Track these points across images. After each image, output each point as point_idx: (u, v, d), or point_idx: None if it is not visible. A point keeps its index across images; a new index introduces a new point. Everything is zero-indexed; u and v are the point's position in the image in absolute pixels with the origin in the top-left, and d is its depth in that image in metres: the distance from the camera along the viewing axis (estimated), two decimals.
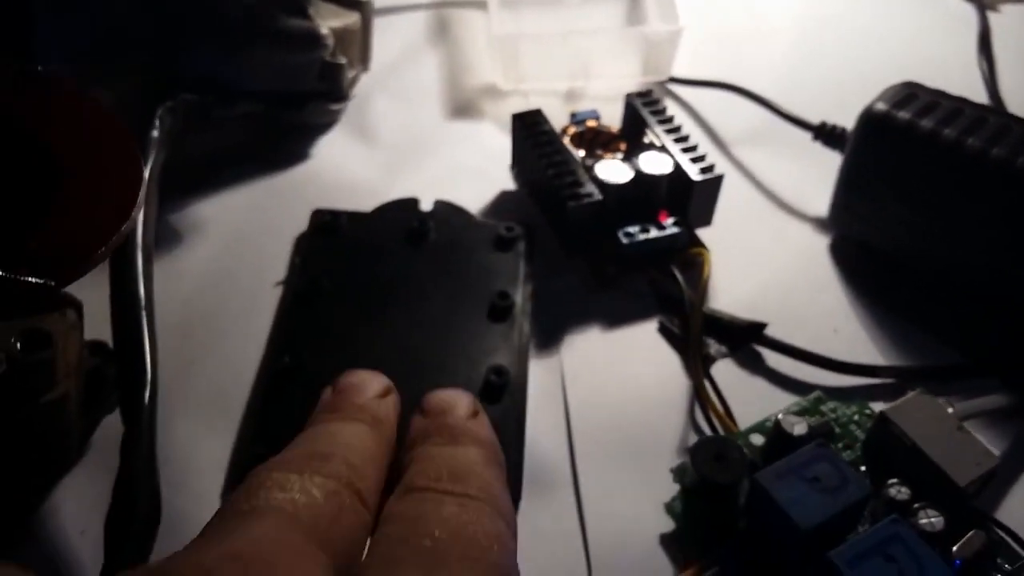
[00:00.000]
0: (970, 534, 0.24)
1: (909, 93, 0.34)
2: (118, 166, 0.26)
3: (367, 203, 0.37)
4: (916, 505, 0.24)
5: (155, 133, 0.33)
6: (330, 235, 0.35)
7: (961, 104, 0.33)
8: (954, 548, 0.24)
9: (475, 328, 0.32)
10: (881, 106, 0.33)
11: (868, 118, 0.34)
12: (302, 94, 0.38)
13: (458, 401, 0.23)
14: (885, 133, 0.33)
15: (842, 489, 0.24)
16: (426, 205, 0.36)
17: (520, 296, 0.33)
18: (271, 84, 0.37)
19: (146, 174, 0.31)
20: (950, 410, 0.27)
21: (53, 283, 0.22)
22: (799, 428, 0.26)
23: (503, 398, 0.29)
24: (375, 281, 0.33)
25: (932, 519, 0.24)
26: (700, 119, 0.43)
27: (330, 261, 0.34)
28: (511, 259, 0.34)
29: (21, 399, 0.24)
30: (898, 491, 0.25)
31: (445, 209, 0.36)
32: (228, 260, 0.35)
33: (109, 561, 0.23)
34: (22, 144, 0.26)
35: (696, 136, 0.42)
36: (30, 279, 0.22)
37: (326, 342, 0.31)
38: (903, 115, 0.33)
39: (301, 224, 0.36)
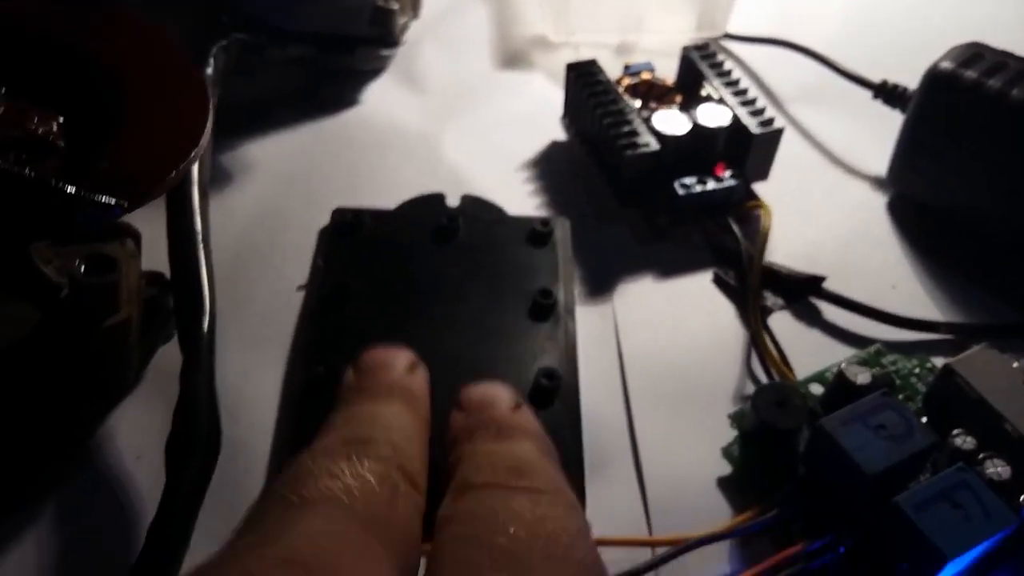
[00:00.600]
0: None
1: (975, 53, 0.33)
2: (185, 95, 0.26)
3: (416, 153, 0.36)
4: (982, 455, 0.24)
5: (209, 71, 0.32)
6: (353, 235, 0.32)
7: None
8: (1021, 498, 0.23)
9: (518, 329, 0.29)
10: (947, 65, 0.33)
11: (934, 76, 0.33)
12: (353, 38, 0.38)
13: (498, 394, 0.21)
14: (951, 92, 0.32)
15: (907, 437, 0.23)
16: (466, 161, 0.35)
17: (562, 293, 0.31)
18: (323, 26, 0.37)
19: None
20: (1015, 365, 0.26)
21: (125, 203, 0.22)
22: (863, 377, 0.26)
23: (555, 402, 0.27)
24: (405, 282, 0.31)
25: (999, 468, 0.24)
26: (755, 76, 0.42)
27: (355, 263, 0.31)
28: (548, 254, 0.32)
29: (85, 322, 0.24)
30: (964, 440, 0.25)
31: (473, 204, 0.34)
32: (277, 201, 0.35)
33: (170, 485, 0.23)
34: (92, 70, 0.25)
35: (752, 94, 0.41)
36: (102, 198, 0.22)
37: (358, 350, 0.28)
38: (970, 74, 0.32)
39: (348, 169, 0.36)
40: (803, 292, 0.32)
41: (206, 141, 0.24)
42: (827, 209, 0.36)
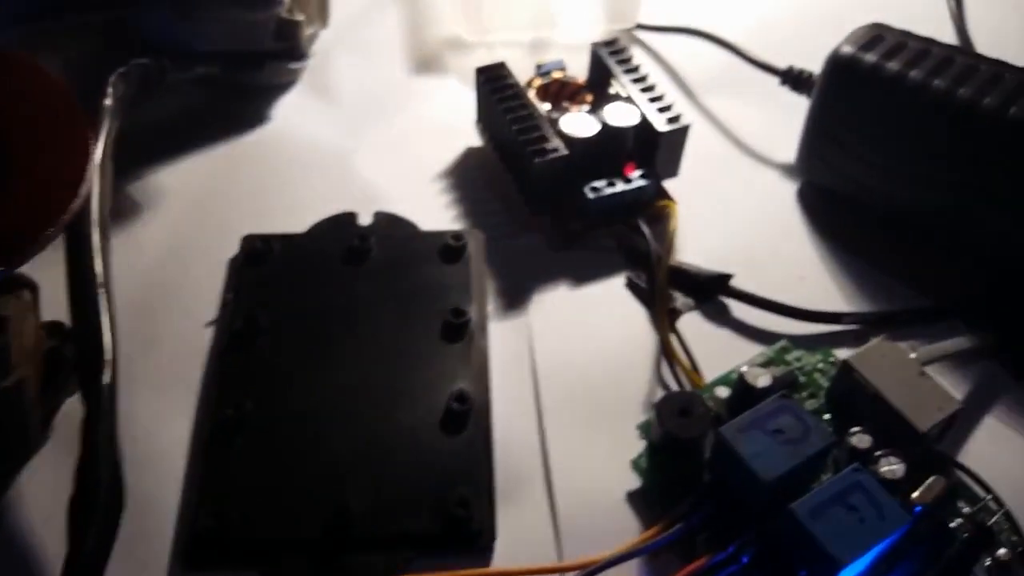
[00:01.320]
0: (930, 480, 0.24)
1: (876, 35, 0.33)
2: (66, 142, 0.25)
3: (329, 170, 0.36)
4: (878, 453, 0.25)
5: (108, 101, 0.32)
6: (262, 263, 0.32)
7: (928, 45, 0.33)
8: (914, 495, 0.24)
9: (430, 351, 0.29)
10: (847, 49, 0.33)
11: (834, 62, 0.33)
12: (259, 54, 0.37)
13: None
14: (852, 76, 0.33)
15: (804, 440, 0.24)
16: (380, 175, 0.35)
17: (475, 310, 0.31)
18: (227, 44, 0.36)
19: (99, 147, 0.31)
20: (912, 356, 0.27)
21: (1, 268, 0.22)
22: (763, 380, 0.26)
23: (467, 426, 0.28)
24: (317, 310, 0.31)
25: (893, 466, 0.24)
26: (668, 66, 0.43)
27: (266, 293, 0.31)
28: (461, 270, 0.32)
29: None
30: (860, 439, 0.25)
31: (386, 221, 0.34)
32: (186, 230, 0.34)
33: (73, 548, 0.22)
34: None
35: (664, 84, 0.41)
36: None
37: (270, 385, 0.28)
38: (869, 58, 0.32)
39: (260, 191, 0.36)
40: (712, 291, 0.32)
41: (87, 192, 0.24)
42: (739, 201, 0.36)
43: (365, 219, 0.34)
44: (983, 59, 0.32)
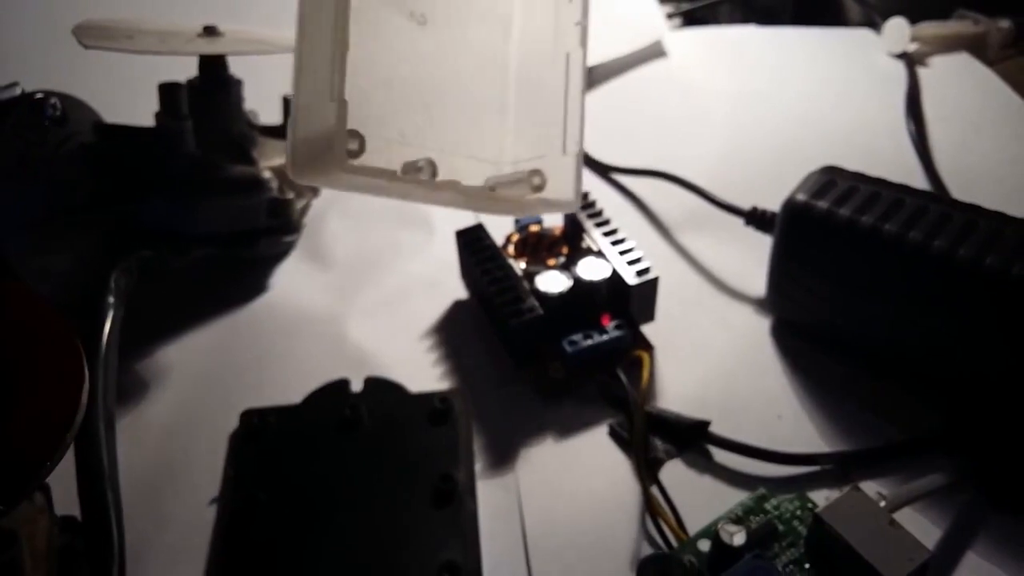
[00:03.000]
0: None
1: (828, 180, 0.35)
2: (62, 372, 0.26)
3: (323, 336, 0.38)
4: None
5: (111, 298, 0.34)
6: (261, 439, 0.34)
7: (879, 188, 0.35)
8: None
9: (420, 519, 0.30)
10: (801, 196, 0.35)
11: (790, 208, 0.35)
12: (254, 231, 0.40)
13: None
14: (807, 223, 0.35)
15: None
16: (371, 337, 0.37)
17: (463, 474, 0.32)
18: (223, 227, 0.39)
19: (103, 341, 0.33)
20: (883, 504, 0.28)
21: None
22: (738, 539, 0.27)
23: None
24: (312, 483, 0.32)
25: None
26: (642, 205, 0.45)
27: (264, 469, 0.33)
28: (448, 433, 0.33)
29: None
30: None
31: (376, 386, 0.35)
32: (189, 406, 0.36)
33: None
34: None
35: (638, 224, 0.44)
36: None
37: (269, 563, 0.30)
38: (822, 204, 0.34)
39: (258, 362, 0.38)
40: (691, 438, 0.33)
41: (79, 422, 0.25)
42: (715, 339, 0.38)
43: (357, 383, 0.36)
44: (933, 198, 0.34)
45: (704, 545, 0.29)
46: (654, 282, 0.36)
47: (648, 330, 0.37)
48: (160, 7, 0.46)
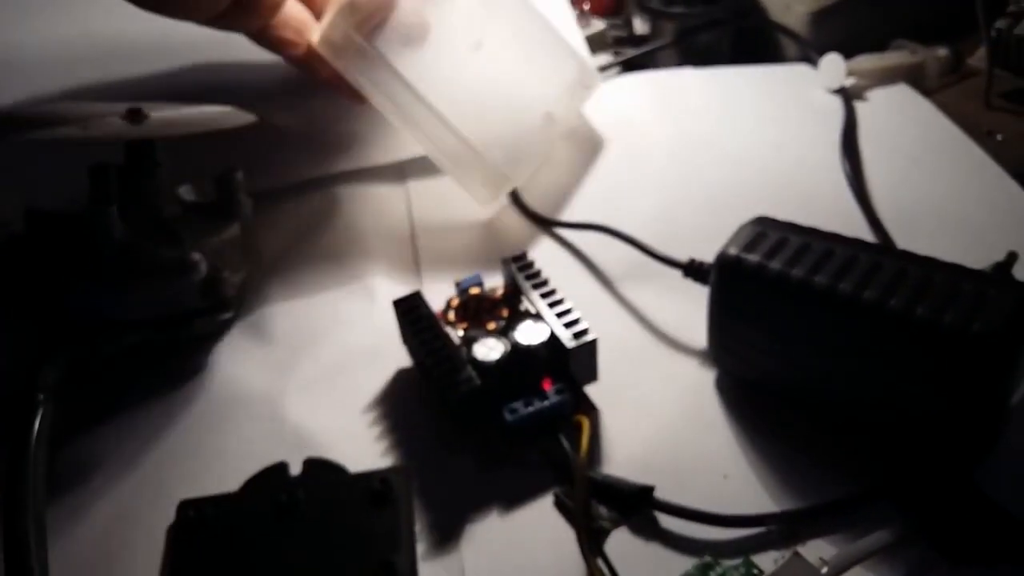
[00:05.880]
0: None
1: (759, 232, 0.35)
2: None
3: (261, 417, 0.37)
4: None
5: (39, 395, 0.33)
6: (198, 531, 0.33)
7: (810, 238, 0.34)
8: None
9: None
10: (732, 250, 0.35)
11: (721, 263, 0.35)
12: (187, 312, 0.39)
13: None
14: (739, 277, 0.34)
15: None
16: (310, 416, 0.37)
17: (403, 558, 0.31)
18: (153, 312, 0.38)
19: (32, 439, 0.32)
20: (824, 571, 0.27)
21: None
22: None
23: None
24: (249, 573, 0.31)
25: None
26: (584, 258, 0.45)
27: (201, 564, 0.32)
28: (389, 516, 0.32)
29: None
30: None
31: (316, 469, 0.34)
32: (126, 499, 0.35)
33: None
34: None
35: (580, 278, 0.43)
36: None
37: None
38: (753, 258, 0.34)
39: (196, 449, 0.37)
40: (636, 504, 0.33)
41: None
42: (659, 396, 0.37)
43: (296, 465, 0.35)
44: (863, 247, 0.34)
45: None
46: (593, 344, 0.35)
47: (592, 390, 0.37)
48: (83, 88, 0.45)
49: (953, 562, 0.30)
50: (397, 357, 0.40)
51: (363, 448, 0.36)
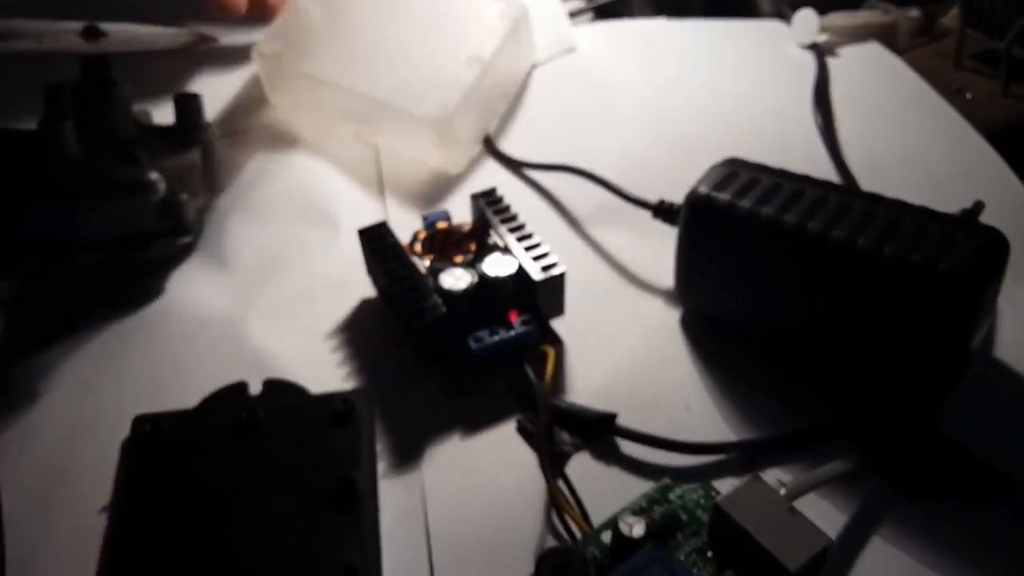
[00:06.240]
0: None
1: (730, 172, 0.35)
2: None
3: (221, 339, 0.37)
4: None
5: None
6: (153, 445, 0.32)
7: (781, 178, 0.34)
8: None
9: (319, 521, 0.30)
10: (703, 189, 0.35)
11: (692, 201, 0.35)
12: (144, 234, 0.38)
13: None
14: (708, 215, 0.34)
15: None
16: (272, 339, 0.36)
17: (364, 475, 0.31)
18: (109, 232, 0.37)
19: None
20: (782, 492, 0.28)
21: None
22: (637, 530, 0.27)
23: None
24: (206, 488, 0.31)
25: None
26: (553, 200, 0.44)
27: (155, 477, 0.31)
28: (350, 434, 0.32)
29: None
30: None
31: (275, 389, 0.34)
32: (80, 413, 0.35)
33: None
34: None
35: (549, 219, 0.43)
36: None
37: (160, 571, 0.29)
38: (723, 196, 0.34)
39: (153, 368, 0.36)
40: (598, 431, 0.33)
41: None
42: (624, 333, 0.37)
43: (256, 387, 0.34)
44: (833, 188, 0.34)
45: (607, 537, 0.29)
46: (560, 277, 0.35)
47: (558, 325, 0.37)
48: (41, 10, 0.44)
49: (905, 495, 0.31)
50: (361, 288, 0.39)
51: (325, 373, 0.36)
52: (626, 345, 0.37)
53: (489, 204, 0.38)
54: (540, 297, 0.35)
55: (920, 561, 0.29)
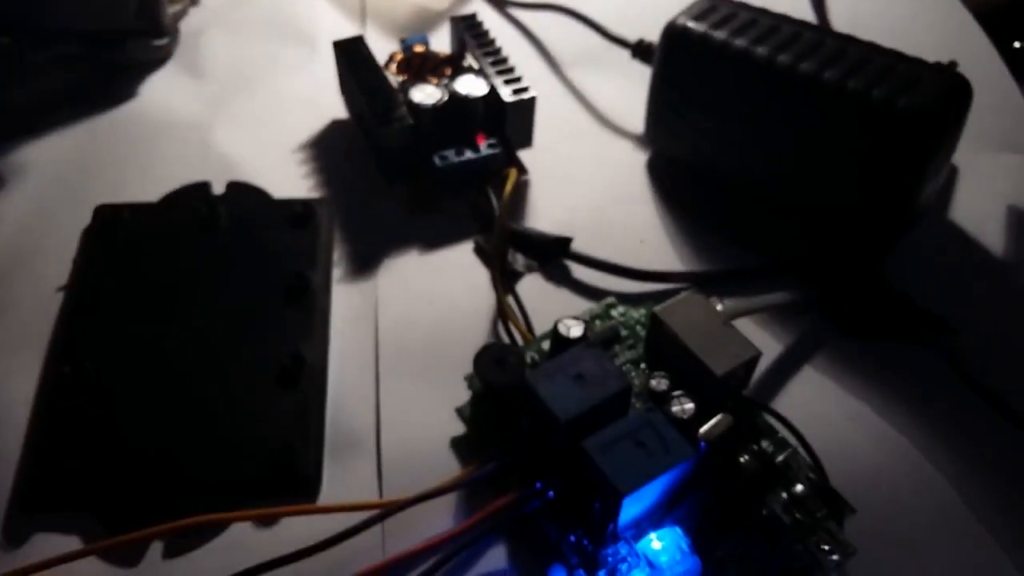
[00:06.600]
0: (717, 418, 0.26)
1: (710, 6, 0.35)
2: None
3: (188, 144, 0.37)
4: (673, 394, 0.26)
5: None
6: (113, 232, 0.33)
7: (758, 15, 0.34)
8: (700, 431, 0.25)
9: (271, 313, 0.30)
10: (682, 20, 0.34)
11: (669, 32, 0.34)
12: (120, 31, 0.38)
13: None
14: (684, 46, 0.34)
15: (602, 383, 0.25)
16: (239, 147, 0.36)
17: (318, 274, 0.32)
18: (84, 23, 0.37)
19: None
20: (719, 307, 0.28)
21: None
22: (575, 331, 0.28)
23: (300, 382, 0.29)
24: (163, 276, 0.31)
25: (684, 406, 0.26)
26: (536, 41, 0.44)
27: (114, 261, 0.32)
28: (307, 236, 0.33)
29: None
30: (658, 383, 0.27)
31: (239, 190, 0.35)
32: (44, 203, 0.35)
33: None
34: None
35: (529, 58, 0.43)
36: None
37: (111, 346, 0.29)
38: (699, 28, 0.34)
39: (118, 166, 0.36)
40: (552, 254, 0.33)
41: None
42: (589, 171, 0.37)
43: (220, 189, 0.35)
44: (809, 27, 0.34)
45: (547, 345, 0.29)
46: (531, 102, 0.35)
47: (525, 157, 0.37)
48: None
49: (844, 332, 0.32)
50: (334, 109, 0.39)
51: (289, 182, 0.36)
52: (590, 182, 0.37)
53: (468, 28, 0.38)
54: (509, 122, 0.35)
55: (851, 392, 0.30)
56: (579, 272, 0.33)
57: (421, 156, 0.35)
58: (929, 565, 0.26)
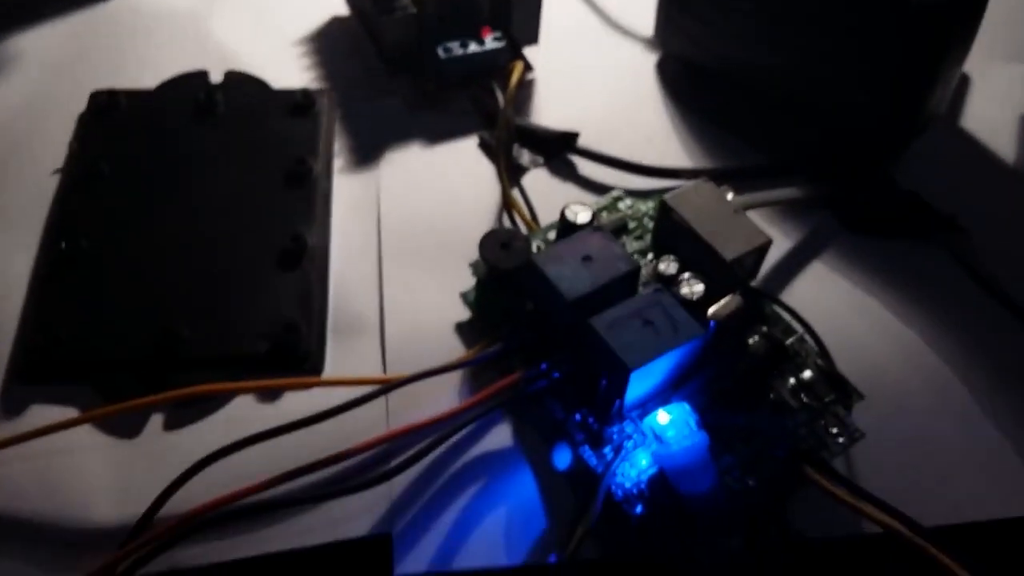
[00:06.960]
0: (726, 298, 0.25)
1: None
2: None
3: (187, 33, 0.36)
4: (682, 277, 0.26)
5: None
6: (109, 117, 0.32)
7: None
8: (710, 311, 0.25)
9: (271, 197, 0.30)
10: None
11: None
12: None
13: None
14: None
15: (610, 265, 0.25)
16: (239, 37, 0.35)
17: (320, 162, 0.31)
18: None
19: None
20: (729, 197, 0.28)
21: None
22: (582, 216, 0.27)
23: (302, 263, 0.28)
24: (161, 161, 0.31)
25: (693, 288, 0.25)
26: None
27: (111, 144, 0.31)
28: (309, 124, 0.32)
29: None
30: (667, 265, 0.26)
31: (237, 79, 0.34)
32: (40, 89, 0.34)
33: None
34: None
35: None
36: None
37: (108, 226, 0.29)
38: None
39: (115, 54, 0.35)
40: (559, 149, 0.33)
41: None
42: (598, 71, 0.37)
43: (218, 79, 0.34)
44: None
45: (552, 235, 0.29)
46: None
47: (531, 55, 0.36)
48: None
49: (852, 229, 0.31)
50: (335, 3, 0.38)
51: (289, 74, 0.35)
52: (597, 81, 0.36)
53: None
54: (515, 14, 0.34)
55: (859, 287, 0.30)
56: (585, 168, 0.33)
57: (424, 49, 0.34)
58: (934, 452, 0.26)
